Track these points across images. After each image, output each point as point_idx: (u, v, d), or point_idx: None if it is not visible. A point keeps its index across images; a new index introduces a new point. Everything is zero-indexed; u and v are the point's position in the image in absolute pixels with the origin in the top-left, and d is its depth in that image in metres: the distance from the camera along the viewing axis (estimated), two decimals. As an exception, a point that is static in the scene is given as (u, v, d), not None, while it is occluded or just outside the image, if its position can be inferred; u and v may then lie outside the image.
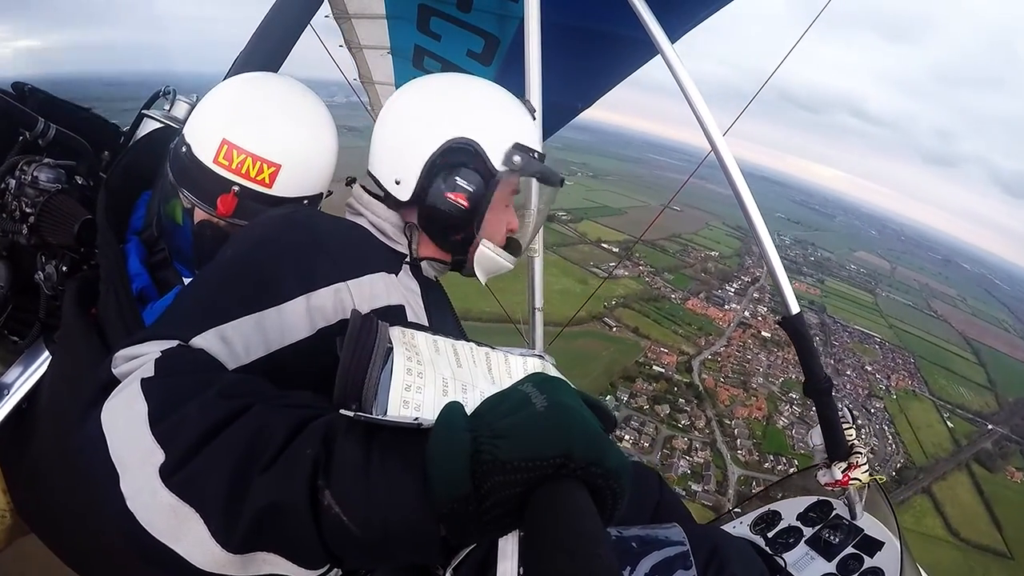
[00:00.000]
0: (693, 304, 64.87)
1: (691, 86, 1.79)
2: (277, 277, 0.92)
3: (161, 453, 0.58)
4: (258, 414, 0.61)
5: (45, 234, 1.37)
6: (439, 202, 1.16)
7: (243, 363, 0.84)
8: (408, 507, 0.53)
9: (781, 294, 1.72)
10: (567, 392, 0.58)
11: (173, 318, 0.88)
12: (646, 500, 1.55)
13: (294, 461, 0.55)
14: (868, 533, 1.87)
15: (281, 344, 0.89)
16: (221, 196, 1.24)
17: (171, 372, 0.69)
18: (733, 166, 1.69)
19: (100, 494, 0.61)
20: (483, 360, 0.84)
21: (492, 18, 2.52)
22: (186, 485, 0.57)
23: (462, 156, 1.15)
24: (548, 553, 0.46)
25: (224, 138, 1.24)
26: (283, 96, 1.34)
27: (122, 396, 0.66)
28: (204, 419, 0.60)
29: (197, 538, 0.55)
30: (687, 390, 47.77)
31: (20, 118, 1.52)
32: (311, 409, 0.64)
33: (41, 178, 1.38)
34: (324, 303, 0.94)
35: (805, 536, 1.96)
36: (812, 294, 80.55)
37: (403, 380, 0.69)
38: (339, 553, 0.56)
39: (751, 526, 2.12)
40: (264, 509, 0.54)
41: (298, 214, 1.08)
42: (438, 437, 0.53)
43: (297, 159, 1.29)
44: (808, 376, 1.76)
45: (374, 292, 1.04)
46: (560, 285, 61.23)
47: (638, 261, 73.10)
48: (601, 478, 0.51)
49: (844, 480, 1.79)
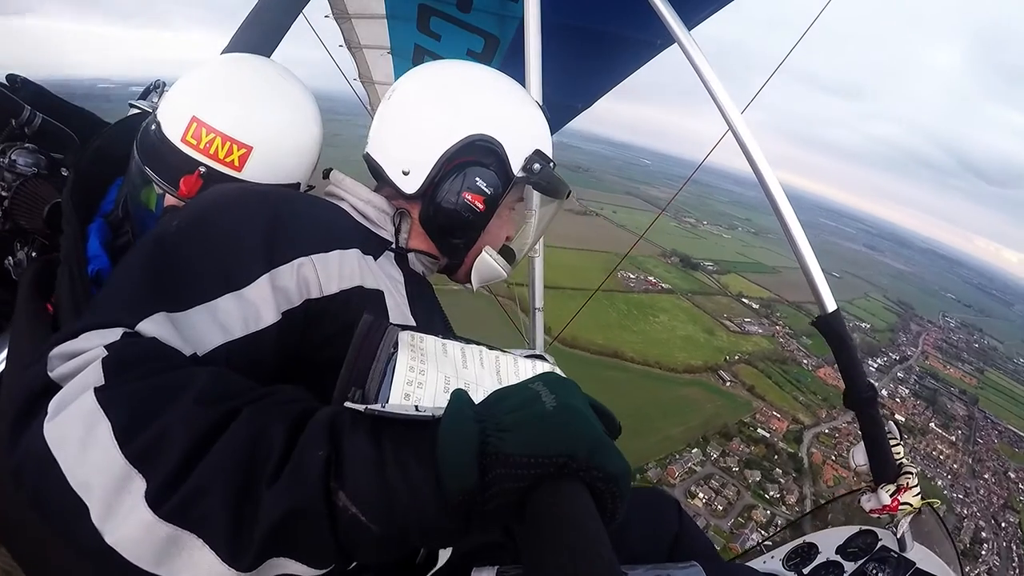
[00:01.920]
0: (824, 373, 60.74)
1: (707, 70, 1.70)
2: (235, 254, 0.81)
3: (140, 479, 0.51)
4: (250, 419, 0.56)
5: (18, 218, 1.32)
6: (452, 201, 1.07)
7: (199, 353, 0.71)
8: (426, 502, 0.52)
9: (815, 290, 1.57)
10: (576, 395, 0.57)
11: (114, 299, 0.74)
12: (664, 531, 1.41)
13: (303, 466, 0.52)
14: (921, 567, 1.66)
15: (244, 332, 0.77)
16: (184, 177, 1.15)
17: (127, 375, 0.59)
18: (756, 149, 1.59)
19: (62, 527, 0.53)
20: (492, 363, 0.82)
21: (492, 18, 2.53)
22: (182, 511, 0.50)
23: (483, 155, 1.07)
24: (549, 551, 0.46)
25: (194, 115, 1.16)
26: (262, 76, 1.27)
27: (72, 410, 0.55)
28: (188, 433, 0.53)
29: (202, 564, 0.50)
30: (788, 461, 45.06)
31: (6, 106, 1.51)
32: (303, 404, 0.60)
33: (19, 162, 1.36)
34: (286, 282, 0.83)
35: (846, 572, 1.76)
36: (967, 382, 75.68)
37: (405, 376, 0.69)
38: (351, 551, 0.54)
39: (784, 561, 1.91)
40: (278, 522, 0.50)
41: (256, 185, 0.99)
42: (448, 427, 0.52)
43: (271, 142, 1.21)
44: (848, 384, 1.60)
45: (344, 271, 0.91)
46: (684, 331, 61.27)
47: (776, 320, 71.36)
48: (602, 481, 0.51)
49: (893, 505, 1.60)
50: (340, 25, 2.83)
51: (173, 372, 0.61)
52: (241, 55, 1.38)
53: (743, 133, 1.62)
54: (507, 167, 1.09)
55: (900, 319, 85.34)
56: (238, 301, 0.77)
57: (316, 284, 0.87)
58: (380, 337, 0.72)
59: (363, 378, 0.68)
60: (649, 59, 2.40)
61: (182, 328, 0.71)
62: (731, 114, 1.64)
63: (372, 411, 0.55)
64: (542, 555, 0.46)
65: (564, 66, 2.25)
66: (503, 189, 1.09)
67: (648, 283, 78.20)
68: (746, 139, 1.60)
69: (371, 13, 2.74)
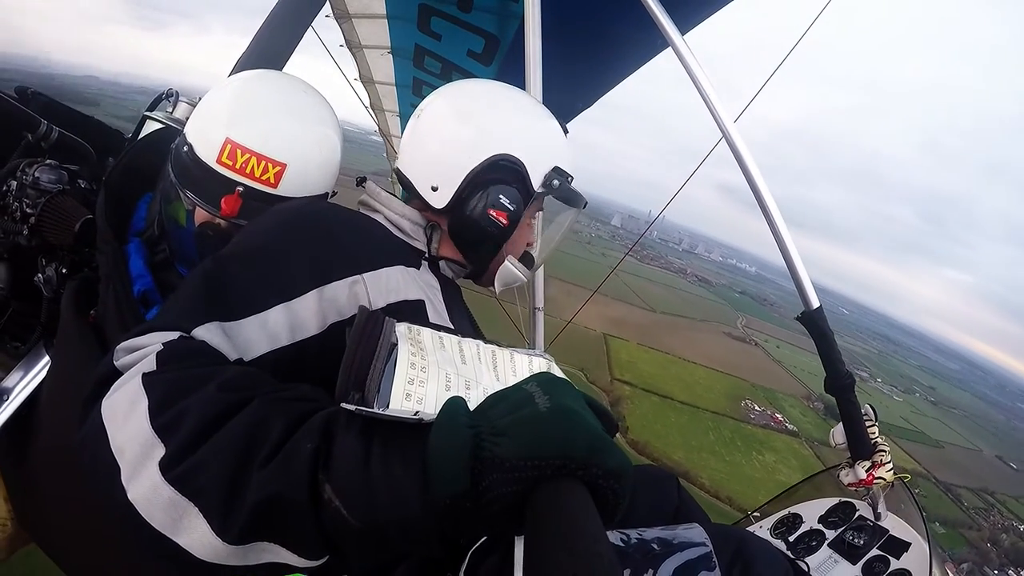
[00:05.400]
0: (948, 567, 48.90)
1: (702, 75, 1.76)
2: (287, 270, 0.89)
3: (161, 447, 0.58)
4: (257, 408, 0.60)
5: (46, 234, 1.35)
6: (477, 216, 1.15)
7: (246, 358, 0.81)
8: (407, 502, 0.53)
9: (800, 286, 1.68)
10: (570, 394, 0.57)
11: (176, 308, 0.84)
12: (664, 505, 1.51)
13: (294, 455, 0.55)
14: (893, 534, 1.81)
15: (290, 340, 0.86)
16: (225, 197, 1.21)
17: (172, 366, 0.68)
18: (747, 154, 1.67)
19: (102, 486, 0.61)
20: (489, 358, 0.83)
21: (492, 18, 2.53)
22: (185, 479, 0.56)
23: (505, 174, 1.15)
24: (549, 551, 0.45)
25: (228, 137, 1.20)
26: (287, 93, 1.31)
27: (123, 390, 0.65)
28: (203, 413, 0.59)
29: (197, 531, 0.55)
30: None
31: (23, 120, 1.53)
32: (311, 402, 0.64)
33: (42, 179, 1.38)
34: (338, 297, 0.91)
35: (828, 539, 1.91)
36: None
37: (406, 374, 0.69)
38: (339, 544, 0.57)
39: (771, 530, 2.06)
40: (263, 503, 0.54)
41: (310, 205, 1.04)
42: (439, 433, 0.53)
43: (303, 158, 1.26)
44: (829, 372, 1.72)
45: (390, 286, 1.00)
46: (785, 477, 48.82)
47: None
48: (602, 478, 0.51)
49: (869, 479, 1.73)
50: (340, 25, 2.81)
51: (209, 367, 0.69)
52: (261, 72, 1.41)
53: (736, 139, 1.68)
54: (528, 184, 1.16)
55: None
56: (287, 312, 0.85)
57: (366, 299, 0.94)
58: (379, 331, 0.72)
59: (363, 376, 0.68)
60: (649, 59, 2.39)
61: (233, 336, 0.79)
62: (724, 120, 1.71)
63: (362, 412, 0.57)
64: (542, 556, 0.46)
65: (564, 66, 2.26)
66: (524, 205, 1.17)
67: (772, 419, 65.32)
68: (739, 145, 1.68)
69: (371, 13, 2.73)
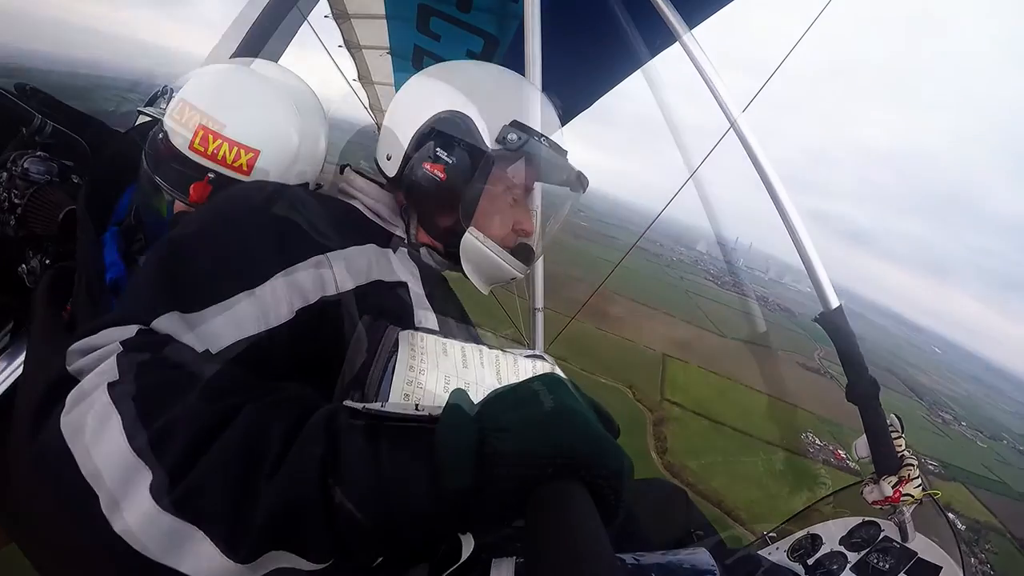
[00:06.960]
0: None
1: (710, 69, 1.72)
2: (249, 254, 0.82)
3: (147, 471, 0.53)
4: (250, 416, 0.57)
5: (32, 225, 1.36)
6: (417, 174, 1.08)
7: (213, 350, 0.73)
8: (419, 498, 0.52)
9: (818, 286, 1.58)
10: (575, 395, 0.58)
11: (132, 298, 0.78)
12: (672, 522, 1.41)
13: (301, 462, 0.53)
14: (923, 557, 1.67)
15: (256, 329, 0.78)
16: (194, 184, 1.17)
17: (139, 370, 0.61)
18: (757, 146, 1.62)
19: (77, 516, 0.56)
20: (492, 362, 0.83)
21: (492, 18, 2.53)
22: (184, 504, 0.52)
23: (451, 129, 1.07)
24: (549, 550, 0.45)
25: (200, 123, 1.17)
26: (264, 79, 1.28)
27: (86, 404, 0.59)
28: (191, 429, 0.55)
29: (203, 555, 0.52)
30: None
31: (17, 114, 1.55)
32: (304, 402, 0.61)
33: (32, 170, 1.40)
34: (302, 280, 0.84)
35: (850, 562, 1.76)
36: None
37: (405, 376, 0.69)
38: (349, 546, 0.55)
39: (788, 552, 1.91)
40: (275, 516, 0.52)
41: (271, 185, 0.98)
42: (446, 427, 0.53)
43: (278, 145, 1.22)
44: (851, 378, 1.61)
45: (359, 265, 0.93)
46: None
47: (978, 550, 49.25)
48: (603, 479, 0.51)
49: (895, 496, 1.61)
50: (340, 25, 2.81)
51: (181, 369, 0.64)
52: (240, 60, 1.42)
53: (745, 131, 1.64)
54: (477, 138, 1.06)
55: None
56: (251, 299, 0.78)
57: (332, 282, 0.87)
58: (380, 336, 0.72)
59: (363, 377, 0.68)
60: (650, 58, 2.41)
61: (195, 326, 0.73)
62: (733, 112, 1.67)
63: (370, 410, 0.56)
64: (541, 555, 0.46)
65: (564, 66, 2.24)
66: (473, 162, 1.06)
67: (834, 455, 59.46)
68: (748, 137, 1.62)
69: (371, 13, 2.73)
